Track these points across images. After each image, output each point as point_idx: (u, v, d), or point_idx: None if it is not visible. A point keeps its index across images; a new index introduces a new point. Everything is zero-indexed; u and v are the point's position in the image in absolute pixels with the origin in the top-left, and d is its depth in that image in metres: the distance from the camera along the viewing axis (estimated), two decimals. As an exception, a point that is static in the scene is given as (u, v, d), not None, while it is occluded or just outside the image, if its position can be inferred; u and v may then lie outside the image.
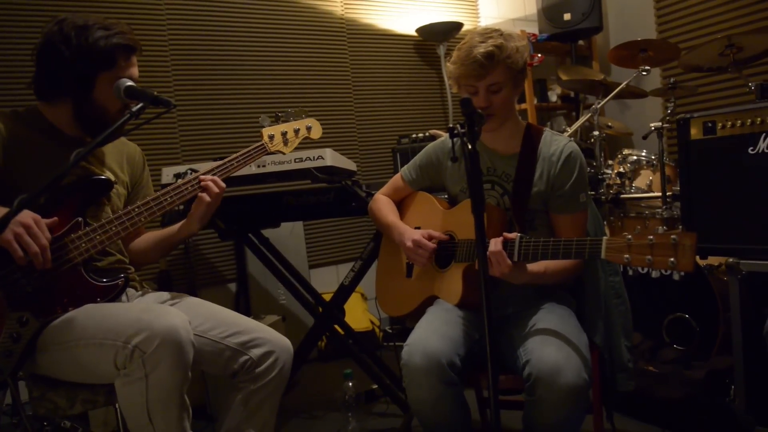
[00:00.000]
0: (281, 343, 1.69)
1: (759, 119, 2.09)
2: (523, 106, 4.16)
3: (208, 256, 3.37)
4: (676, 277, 1.23)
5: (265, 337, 1.67)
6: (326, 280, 3.66)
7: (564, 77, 3.69)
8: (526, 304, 1.72)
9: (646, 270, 2.59)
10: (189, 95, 3.30)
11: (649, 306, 2.62)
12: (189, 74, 3.31)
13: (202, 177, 1.70)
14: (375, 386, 2.68)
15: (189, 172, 2.45)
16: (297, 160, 2.28)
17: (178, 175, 2.46)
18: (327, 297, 2.72)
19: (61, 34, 1.55)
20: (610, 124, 3.84)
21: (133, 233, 1.70)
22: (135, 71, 1.64)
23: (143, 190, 1.87)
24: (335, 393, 2.46)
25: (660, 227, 2.84)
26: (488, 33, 1.67)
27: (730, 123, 2.16)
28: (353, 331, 2.73)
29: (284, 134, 1.91)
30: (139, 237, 1.86)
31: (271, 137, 1.88)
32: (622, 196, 3.03)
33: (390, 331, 3.71)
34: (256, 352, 1.64)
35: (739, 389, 2.13)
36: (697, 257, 2.42)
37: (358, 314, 3.55)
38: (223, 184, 1.72)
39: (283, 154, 1.95)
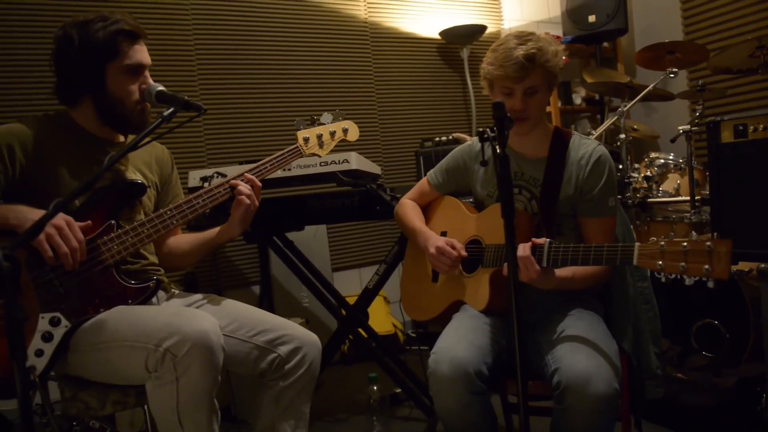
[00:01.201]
0: (309, 339, 1.70)
1: (792, 122, 2.05)
2: (548, 108, 4.13)
3: (233, 259, 3.40)
4: (710, 284, 1.21)
5: (292, 333, 1.68)
6: (349, 284, 3.67)
7: (589, 80, 3.66)
8: (554, 310, 1.70)
9: (674, 275, 2.56)
10: (214, 99, 3.34)
11: (677, 312, 2.58)
12: (214, 78, 3.35)
13: (233, 182, 1.69)
14: (398, 390, 2.68)
15: (216, 175, 2.48)
16: (323, 164, 2.29)
17: (204, 179, 2.48)
18: (350, 300, 2.73)
19: (65, 37, 1.58)
20: (635, 127, 3.79)
21: (164, 235, 1.71)
22: (143, 56, 1.63)
23: (172, 191, 1.88)
24: (359, 396, 2.46)
25: (693, 233, 2.80)
26: (525, 35, 1.66)
27: (762, 126, 2.11)
28: (377, 334, 2.73)
29: (320, 137, 1.88)
30: (176, 238, 1.86)
31: (306, 140, 1.85)
32: (650, 200, 2.99)
33: (413, 334, 3.70)
34: (284, 349, 1.64)
35: (771, 398, 2.09)
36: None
37: (381, 317, 3.55)
38: (258, 183, 1.71)
39: (319, 156, 1.91)
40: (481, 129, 1.35)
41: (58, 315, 1.47)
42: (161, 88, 1.60)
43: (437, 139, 3.25)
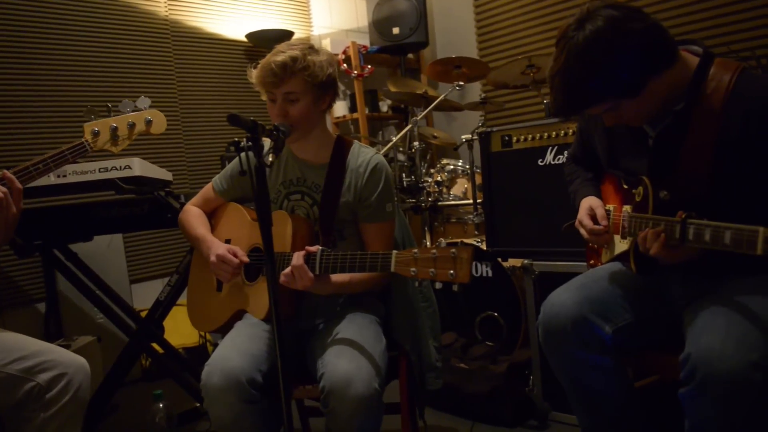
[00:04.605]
0: (75, 363, 1.57)
1: (546, 134, 2.33)
2: (355, 115, 4.26)
3: (12, 274, 3.05)
4: (455, 288, 1.33)
5: (54, 359, 1.54)
6: (151, 295, 3.45)
7: (392, 89, 3.84)
8: (334, 314, 1.75)
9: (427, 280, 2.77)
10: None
11: (464, 305, 2.80)
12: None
13: None
14: (198, 404, 2.59)
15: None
16: (102, 170, 2.14)
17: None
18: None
19: None
20: (435, 134, 4.05)
21: None
22: None
23: None
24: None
25: (457, 244, 3.02)
26: (294, 44, 1.69)
27: (523, 137, 2.38)
28: (173, 348, 2.62)
29: (114, 130, 1.63)
30: None
31: (96, 134, 1.61)
32: (440, 203, 3.22)
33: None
34: (44, 377, 1.50)
35: (536, 379, 2.36)
36: (500, 259, 2.64)
37: (188, 329, 3.39)
38: (19, 185, 1.49)
39: (112, 153, 1.67)
40: (237, 139, 1.35)
41: None
42: None
43: (243, 143, 3.20)
